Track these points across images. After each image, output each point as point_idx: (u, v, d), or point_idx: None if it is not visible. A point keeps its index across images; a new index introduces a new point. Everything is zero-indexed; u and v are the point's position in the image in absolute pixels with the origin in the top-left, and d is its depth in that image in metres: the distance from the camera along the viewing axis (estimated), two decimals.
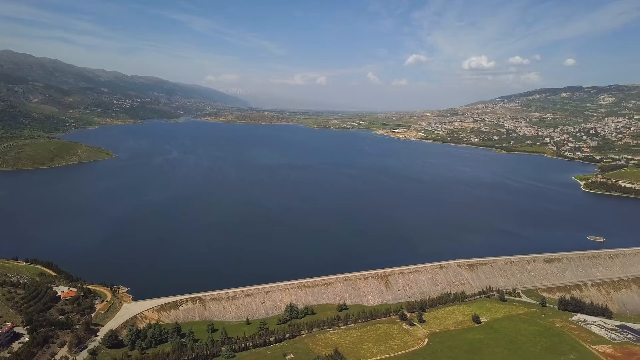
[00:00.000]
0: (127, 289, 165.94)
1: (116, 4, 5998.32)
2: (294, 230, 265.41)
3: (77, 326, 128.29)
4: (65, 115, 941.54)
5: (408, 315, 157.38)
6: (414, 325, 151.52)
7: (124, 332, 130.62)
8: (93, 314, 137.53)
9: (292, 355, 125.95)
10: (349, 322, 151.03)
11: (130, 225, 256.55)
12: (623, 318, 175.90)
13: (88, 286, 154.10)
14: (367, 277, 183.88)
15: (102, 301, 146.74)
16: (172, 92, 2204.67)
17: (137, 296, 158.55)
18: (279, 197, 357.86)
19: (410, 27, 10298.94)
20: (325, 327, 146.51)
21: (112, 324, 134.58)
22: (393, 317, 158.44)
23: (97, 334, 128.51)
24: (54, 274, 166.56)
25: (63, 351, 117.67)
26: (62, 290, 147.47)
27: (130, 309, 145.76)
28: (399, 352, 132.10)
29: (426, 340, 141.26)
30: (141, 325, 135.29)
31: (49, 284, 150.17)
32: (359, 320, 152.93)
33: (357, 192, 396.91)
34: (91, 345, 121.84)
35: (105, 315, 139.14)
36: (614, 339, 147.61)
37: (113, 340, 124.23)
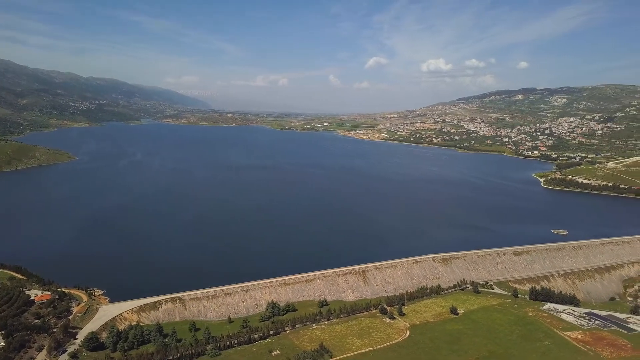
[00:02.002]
0: (102, 291, 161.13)
1: (68, 3, 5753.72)
2: (269, 229, 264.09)
3: (55, 330, 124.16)
4: (19, 117, 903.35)
5: (388, 309, 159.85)
6: (394, 318, 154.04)
7: (104, 334, 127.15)
8: (70, 317, 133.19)
9: (278, 351, 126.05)
10: (331, 318, 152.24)
11: (101, 227, 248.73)
12: (589, 306, 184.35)
13: (62, 289, 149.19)
14: (346, 273, 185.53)
15: (79, 304, 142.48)
16: (131, 94, 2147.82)
17: (114, 298, 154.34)
18: (251, 196, 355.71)
19: (370, 30, 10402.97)
20: (308, 323, 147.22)
21: (91, 326, 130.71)
22: (373, 311, 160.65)
23: (77, 337, 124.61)
24: (24, 277, 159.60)
25: (42, 355, 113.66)
26: (36, 293, 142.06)
27: (109, 310, 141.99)
28: (383, 345, 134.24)
29: (408, 332, 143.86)
30: (121, 327, 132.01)
31: (21, 288, 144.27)
32: (341, 316, 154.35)
33: (328, 192, 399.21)
34: (71, 349, 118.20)
35: (83, 318, 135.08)
36: (583, 325, 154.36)
37: (94, 343, 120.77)
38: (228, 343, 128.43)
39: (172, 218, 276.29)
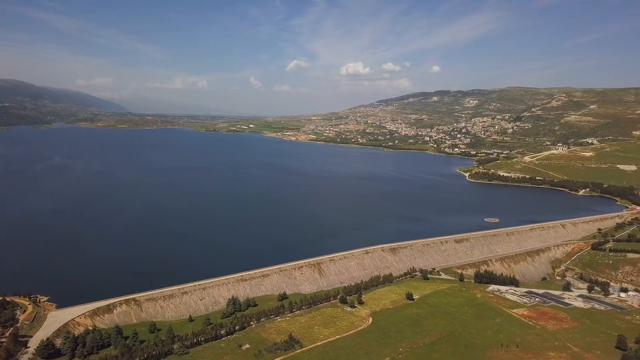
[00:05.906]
0: (47, 298, 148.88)
1: None
2: (217, 227, 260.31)
3: (4, 339, 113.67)
4: None
5: (348, 298, 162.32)
6: (355, 307, 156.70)
7: (58, 340, 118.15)
8: (18, 325, 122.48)
9: (248, 345, 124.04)
10: (294, 310, 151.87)
11: (32, 233, 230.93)
12: (527, 285, 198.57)
13: (3, 297, 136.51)
14: (302, 267, 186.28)
15: (24, 311, 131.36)
16: (39, 96, 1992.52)
17: (62, 303, 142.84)
18: (187, 197, 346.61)
19: (290, 33, 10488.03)
20: (272, 316, 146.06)
21: (42, 334, 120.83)
22: (334, 301, 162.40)
23: (28, 345, 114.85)
24: None
25: None
26: None
27: (59, 316, 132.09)
28: (350, 332, 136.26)
29: (370, 319, 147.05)
30: (76, 332, 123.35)
31: None
32: (303, 307, 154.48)
33: (270, 190, 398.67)
34: (24, 358, 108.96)
35: (32, 326, 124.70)
36: (526, 302, 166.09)
37: (49, 350, 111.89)
38: (195, 341, 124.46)
39: (109, 220, 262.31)
